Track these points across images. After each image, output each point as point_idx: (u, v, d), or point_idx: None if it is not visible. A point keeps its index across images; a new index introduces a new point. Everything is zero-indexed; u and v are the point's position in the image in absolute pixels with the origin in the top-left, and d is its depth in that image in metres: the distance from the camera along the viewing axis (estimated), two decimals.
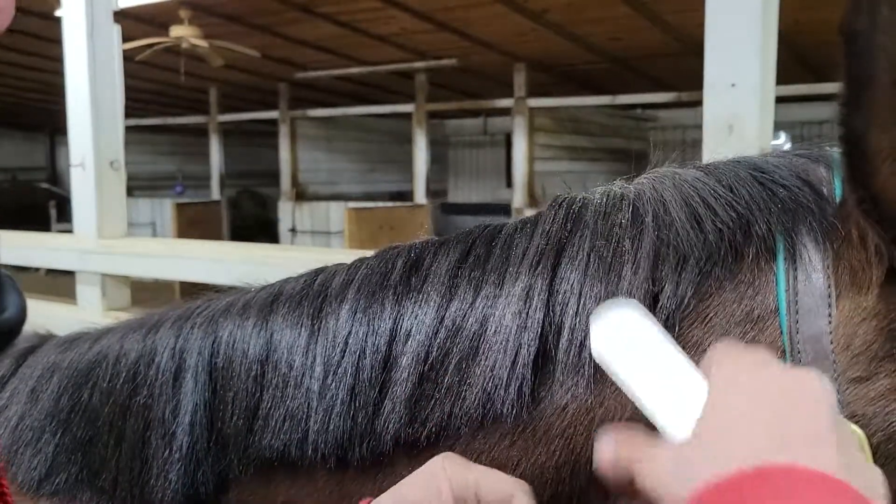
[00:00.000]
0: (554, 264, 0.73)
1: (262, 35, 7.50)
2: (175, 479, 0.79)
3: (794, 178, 0.73)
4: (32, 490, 0.86)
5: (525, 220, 0.80)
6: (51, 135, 15.42)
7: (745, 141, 2.02)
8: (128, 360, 0.86)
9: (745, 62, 1.99)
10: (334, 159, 12.67)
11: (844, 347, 0.66)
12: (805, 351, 0.66)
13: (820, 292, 0.67)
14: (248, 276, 1.01)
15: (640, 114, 12.68)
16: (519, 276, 0.74)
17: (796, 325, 0.67)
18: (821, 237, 0.69)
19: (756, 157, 0.79)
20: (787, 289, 0.68)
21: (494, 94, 9.66)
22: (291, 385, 0.78)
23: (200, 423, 0.80)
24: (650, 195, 0.75)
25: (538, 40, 7.49)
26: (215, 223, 10.95)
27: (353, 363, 0.76)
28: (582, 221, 0.75)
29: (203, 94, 11.37)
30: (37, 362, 0.95)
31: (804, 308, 0.67)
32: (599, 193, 0.79)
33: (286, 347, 0.79)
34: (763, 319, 0.69)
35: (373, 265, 0.82)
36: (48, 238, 4.02)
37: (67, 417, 0.87)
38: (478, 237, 0.80)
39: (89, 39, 2.94)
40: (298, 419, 0.77)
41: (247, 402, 0.79)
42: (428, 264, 0.79)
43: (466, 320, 0.74)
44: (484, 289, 0.74)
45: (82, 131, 2.98)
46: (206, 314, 0.86)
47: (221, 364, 0.81)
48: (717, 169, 0.77)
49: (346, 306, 0.79)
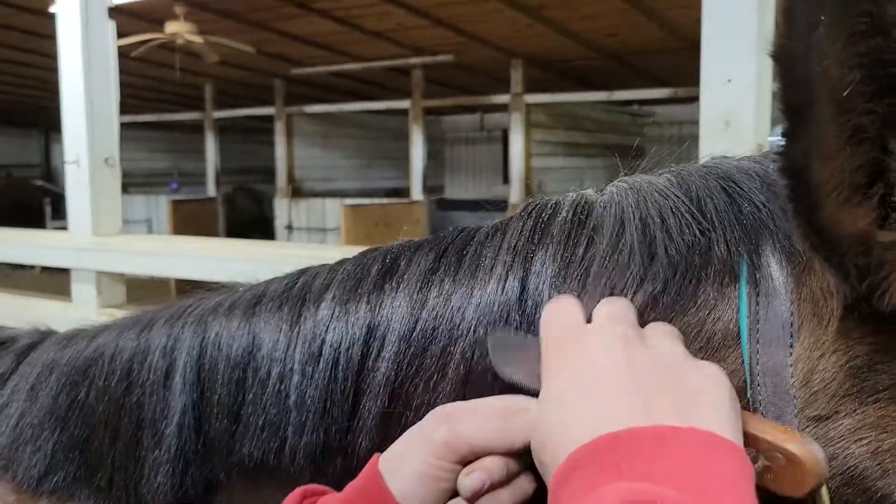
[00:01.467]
0: (522, 281, 0.71)
1: (258, 31, 7.48)
2: (164, 481, 0.79)
3: (766, 189, 0.69)
4: (32, 488, 0.86)
5: (496, 228, 0.78)
6: (45, 132, 15.38)
7: (742, 137, 2.02)
8: (122, 358, 0.86)
9: (742, 58, 1.99)
10: (330, 156, 12.65)
11: (804, 383, 0.62)
12: (764, 384, 0.62)
13: (782, 321, 0.63)
14: (243, 273, 1.00)
15: (636, 110, 12.68)
16: (486, 291, 0.72)
17: (756, 355, 0.63)
18: (784, 260, 0.64)
19: (735, 161, 0.75)
20: (749, 315, 0.64)
21: (491, 91, 9.66)
22: (270, 392, 0.77)
23: (188, 424, 0.79)
24: (613, 210, 0.72)
25: (534, 36, 7.49)
26: (211, 220, 10.94)
27: (327, 374, 0.75)
28: (548, 235, 0.73)
29: (198, 91, 11.36)
30: (37, 359, 0.95)
31: (765, 337, 0.63)
32: (569, 204, 0.76)
33: (266, 353, 0.78)
34: (724, 347, 0.65)
35: (349, 270, 0.81)
36: (43, 235, 4.01)
37: (65, 415, 0.87)
38: (450, 244, 0.78)
39: (84, 35, 2.92)
40: (276, 428, 0.76)
41: (229, 406, 0.78)
42: (402, 270, 0.77)
43: (436, 333, 0.72)
44: (452, 301, 0.73)
45: (77, 128, 2.96)
46: (197, 313, 0.86)
47: (208, 365, 0.81)
48: (689, 177, 0.73)
49: (322, 312, 0.78)
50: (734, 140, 2.03)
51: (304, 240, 10.47)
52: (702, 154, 2.11)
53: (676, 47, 7.33)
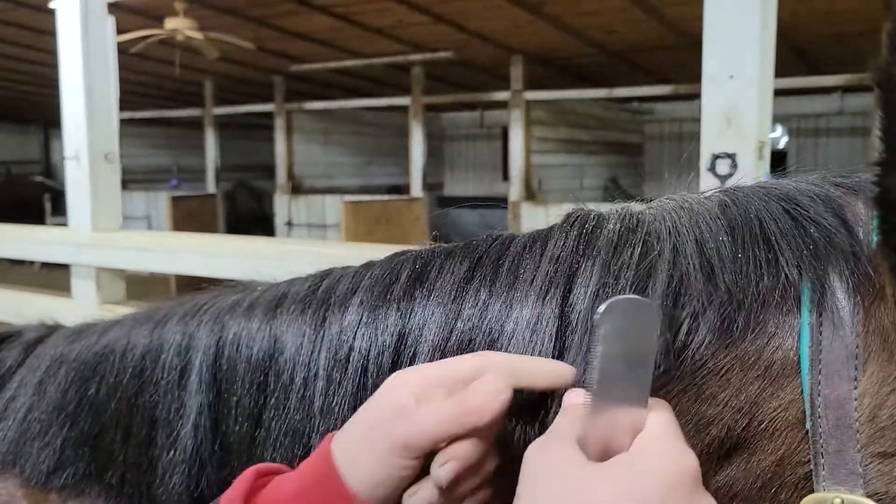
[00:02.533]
0: (564, 294, 0.68)
1: (258, 27, 7.47)
2: (179, 482, 0.78)
3: (830, 214, 0.65)
4: (41, 483, 0.85)
5: (534, 238, 0.75)
6: (45, 128, 15.37)
7: (744, 133, 2.01)
8: (134, 354, 0.85)
9: (744, 54, 1.98)
10: (330, 152, 12.64)
11: (870, 418, 0.60)
12: (826, 417, 0.60)
13: (847, 352, 0.60)
14: (243, 269, 1.00)
15: (636, 107, 12.67)
16: (526, 303, 0.69)
17: (818, 386, 0.60)
18: (852, 289, 0.62)
19: (788, 182, 0.72)
20: (811, 344, 0.61)
21: (491, 87, 9.65)
22: (293, 398, 0.75)
23: (204, 425, 0.78)
24: (667, 227, 0.69)
25: (535, 33, 7.48)
26: (211, 217, 10.93)
27: (356, 382, 0.73)
28: (594, 248, 0.70)
29: (198, 87, 11.34)
30: (44, 353, 0.94)
31: (829, 368, 0.60)
32: (616, 216, 0.73)
33: (289, 357, 0.76)
34: (783, 377, 0.63)
35: (377, 275, 0.79)
36: (42, 231, 4.00)
37: (75, 411, 0.86)
38: (484, 253, 0.75)
39: (83, 31, 2.91)
40: (300, 435, 0.74)
41: (250, 409, 0.77)
42: (433, 278, 0.75)
43: (473, 345, 0.70)
44: (489, 313, 0.70)
45: (76, 124, 2.96)
46: (213, 311, 0.84)
47: (226, 366, 0.79)
48: (745, 198, 0.70)
49: (349, 317, 0.76)
50: (736, 137, 2.02)
51: (304, 236, 10.47)
52: (703, 151, 2.11)
53: (677, 44, 7.32)
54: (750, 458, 0.64)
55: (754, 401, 0.63)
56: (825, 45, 7.60)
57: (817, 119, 11.60)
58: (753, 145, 2.02)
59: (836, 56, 7.98)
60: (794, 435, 0.62)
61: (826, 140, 11.66)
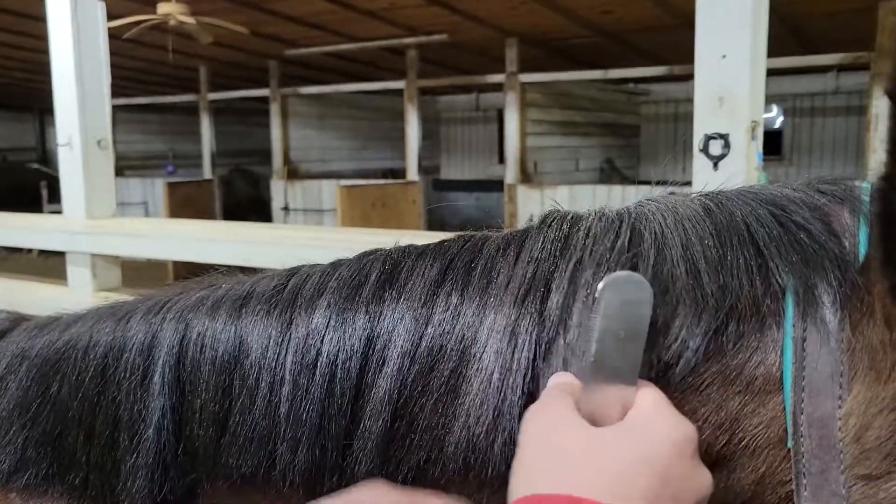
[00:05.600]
0: (543, 297, 0.66)
1: (251, 11, 7.42)
2: (142, 486, 0.75)
3: (819, 222, 0.63)
4: (2, 482, 0.83)
5: (508, 240, 0.73)
6: (40, 115, 15.29)
7: (736, 113, 2.01)
8: (97, 352, 0.82)
9: (737, 33, 1.98)
10: (326, 137, 12.60)
11: (855, 439, 0.58)
12: (809, 436, 0.58)
13: (832, 370, 0.58)
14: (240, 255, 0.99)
15: (631, 88, 12.63)
16: (501, 308, 0.67)
17: (801, 404, 0.59)
18: (840, 303, 0.59)
19: (773, 188, 0.69)
20: (795, 360, 0.59)
21: (486, 70, 9.61)
22: (259, 403, 0.72)
23: (167, 428, 0.75)
24: (650, 230, 0.67)
25: (529, 14, 7.44)
26: (207, 202, 10.91)
27: (323, 388, 0.70)
28: (572, 248, 0.68)
29: (193, 73, 11.28)
30: (6, 348, 0.91)
31: (812, 386, 0.59)
32: (595, 218, 0.72)
33: (254, 360, 0.74)
34: (765, 393, 0.61)
35: (345, 275, 0.76)
36: (38, 219, 4.00)
37: (36, 410, 0.83)
38: (456, 255, 0.73)
39: (73, 17, 2.90)
40: (265, 442, 0.72)
41: (214, 413, 0.74)
42: (403, 280, 0.73)
43: (444, 353, 0.67)
44: (461, 318, 0.68)
45: (68, 110, 2.95)
46: (177, 309, 0.81)
47: (189, 367, 0.76)
48: (729, 202, 0.68)
49: (316, 320, 0.73)
50: (728, 117, 2.02)
51: (301, 221, 10.45)
52: (696, 132, 2.11)
53: (672, 24, 7.28)
54: (730, 475, 0.63)
55: (735, 417, 0.62)
56: (820, 23, 7.57)
57: (813, 98, 11.58)
58: (746, 126, 2.02)
59: (832, 35, 7.95)
60: (776, 453, 0.61)
61: (822, 120, 11.64)
